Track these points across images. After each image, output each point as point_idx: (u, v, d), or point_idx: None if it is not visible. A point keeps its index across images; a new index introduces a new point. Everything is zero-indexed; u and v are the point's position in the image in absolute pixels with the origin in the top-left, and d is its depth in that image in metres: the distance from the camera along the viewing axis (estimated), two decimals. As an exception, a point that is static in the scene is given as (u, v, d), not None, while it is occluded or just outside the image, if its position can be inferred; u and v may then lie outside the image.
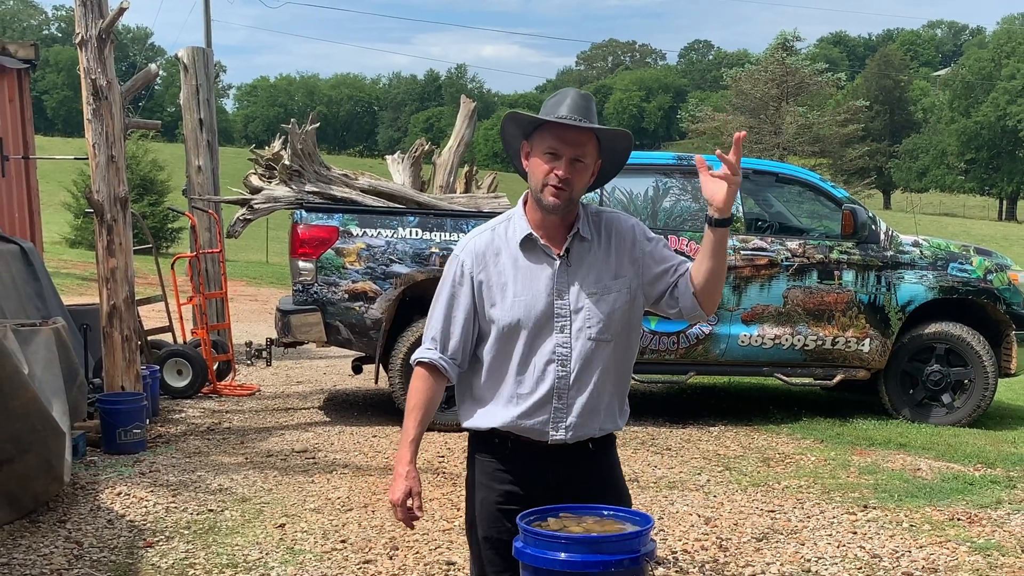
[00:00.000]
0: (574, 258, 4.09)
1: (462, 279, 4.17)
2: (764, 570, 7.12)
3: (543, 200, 4.02)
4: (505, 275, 4.10)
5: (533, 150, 4.07)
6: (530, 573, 3.58)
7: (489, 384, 4.16)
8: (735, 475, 9.80)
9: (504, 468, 4.16)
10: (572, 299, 4.06)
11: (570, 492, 4.06)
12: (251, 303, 26.69)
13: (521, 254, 4.10)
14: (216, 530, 7.70)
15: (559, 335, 4.05)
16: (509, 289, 4.08)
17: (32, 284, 11.83)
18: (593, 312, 4.05)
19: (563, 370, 4.04)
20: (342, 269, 11.31)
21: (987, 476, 9.88)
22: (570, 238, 4.08)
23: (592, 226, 4.14)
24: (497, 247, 4.15)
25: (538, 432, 4.08)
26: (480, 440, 4.24)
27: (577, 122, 3.98)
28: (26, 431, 7.52)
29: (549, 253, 4.08)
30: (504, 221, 4.22)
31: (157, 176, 41.16)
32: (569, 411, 4.06)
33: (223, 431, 11.21)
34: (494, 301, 4.11)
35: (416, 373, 4.22)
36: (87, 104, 10.49)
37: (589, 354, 4.06)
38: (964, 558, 7.42)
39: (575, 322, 4.05)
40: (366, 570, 6.93)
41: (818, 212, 12.53)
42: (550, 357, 4.05)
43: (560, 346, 4.05)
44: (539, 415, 4.06)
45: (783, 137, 74.09)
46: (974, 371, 12.08)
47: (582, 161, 3.99)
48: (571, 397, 4.05)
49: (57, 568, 6.80)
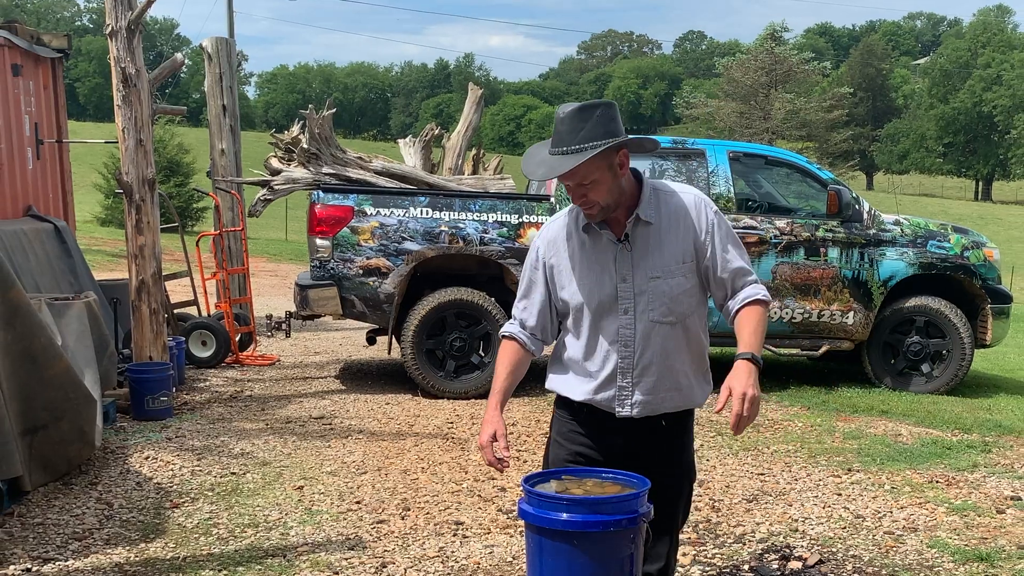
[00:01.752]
0: (636, 241, 4.02)
1: (537, 263, 4.16)
2: (754, 530, 7.10)
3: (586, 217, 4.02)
4: (573, 259, 4.07)
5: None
6: (534, 533, 3.57)
7: (568, 357, 4.16)
8: (727, 440, 9.78)
9: (579, 431, 4.17)
10: (635, 282, 4.00)
11: (636, 463, 4.00)
12: (271, 278, 26.67)
13: (587, 238, 4.06)
14: (238, 492, 7.69)
15: (623, 317, 4.00)
16: (576, 273, 4.06)
17: (65, 260, 11.81)
18: (656, 295, 4.00)
19: (626, 351, 4.01)
20: (357, 246, 11.29)
21: (964, 441, 9.87)
22: (630, 223, 4.01)
23: (657, 207, 4.05)
24: (568, 232, 4.12)
25: (607, 406, 4.07)
26: (561, 401, 4.25)
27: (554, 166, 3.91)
28: (60, 399, 7.50)
29: (610, 236, 4.03)
30: (574, 209, 4.16)
31: (183, 159, 41.13)
32: (634, 390, 4.03)
33: (245, 399, 11.20)
34: (563, 284, 4.10)
35: (502, 344, 4.25)
36: (117, 91, 10.47)
37: (653, 335, 4.02)
38: (942, 518, 7.41)
39: (639, 304, 4.00)
40: (379, 529, 6.92)
41: (805, 193, 12.50)
42: (614, 338, 4.02)
43: (624, 328, 4.01)
44: (606, 391, 4.04)
45: (772, 122, 74.17)
46: (952, 342, 12.09)
47: (586, 183, 3.91)
48: (636, 376, 4.01)
49: (89, 528, 6.80)
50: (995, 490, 8.19)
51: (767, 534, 7.02)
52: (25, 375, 7.21)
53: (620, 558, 3.51)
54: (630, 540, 3.53)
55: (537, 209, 11.53)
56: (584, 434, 4.15)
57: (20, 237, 10.77)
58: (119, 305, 11.69)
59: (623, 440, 4.09)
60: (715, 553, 6.63)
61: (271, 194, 12.47)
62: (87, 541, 6.54)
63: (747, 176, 12.41)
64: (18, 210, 11.86)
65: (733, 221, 11.67)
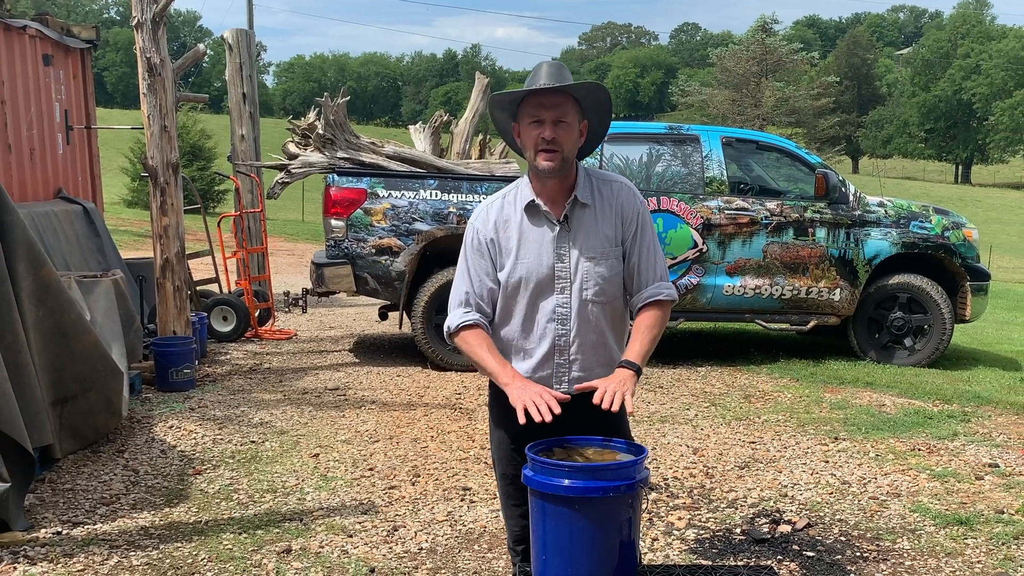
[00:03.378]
0: (574, 223, 3.98)
1: (479, 245, 4.06)
2: (746, 495, 7.09)
3: (539, 165, 3.92)
4: (512, 240, 4.00)
5: (520, 125, 3.97)
6: (538, 498, 3.57)
7: (500, 338, 4.08)
8: (720, 410, 9.77)
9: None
10: (572, 262, 3.95)
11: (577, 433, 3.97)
12: (289, 257, 26.67)
13: (526, 218, 4.01)
14: (257, 459, 7.69)
15: (559, 296, 3.95)
16: (514, 252, 3.99)
17: (94, 240, 11.81)
18: (591, 274, 3.95)
19: (563, 328, 3.96)
20: (370, 227, 11.27)
21: (945, 411, 9.85)
22: (568, 204, 3.98)
23: (594, 191, 4.02)
24: (507, 214, 4.06)
25: (545, 384, 3.99)
26: (496, 387, 4.14)
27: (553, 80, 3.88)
28: (88, 371, 7.50)
29: (550, 218, 3.98)
30: (513, 189, 4.13)
31: (205, 144, 41.13)
32: (570, 367, 3.99)
33: (263, 371, 11.20)
34: (503, 264, 4.02)
35: (464, 337, 4.05)
36: (143, 80, 10.46)
37: (587, 314, 3.98)
38: (924, 484, 7.40)
39: (574, 283, 3.96)
40: (391, 495, 6.91)
41: (794, 176, 12.47)
42: (551, 316, 3.97)
43: (560, 306, 3.96)
44: (544, 370, 3.99)
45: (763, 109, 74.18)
46: (933, 317, 12.07)
47: (564, 121, 3.87)
48: (572, 354, 3.98)
49: (116, 493, 6.80)
50: (974, 457, 8.17)
51: (758, 499, 7.01)
52: (56, 348, 7.21)
53: (619, 521, 3.52)
54: (628, 505, 3.53)
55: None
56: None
57: (51, 218, 10.77)
58: (144, 282, 11.69)
59: (563, 417, 3.85)
60: (709, 517, 6.62)
61: (288, 177, 12.48)
62: (114, 506, 6.54)
63: (739, 160, 12.37)
64: (49, 192, 11.86)
65: (726, 203, 11.70)
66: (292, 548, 5.82)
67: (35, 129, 11.49)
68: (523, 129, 3.96)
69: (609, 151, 11.64)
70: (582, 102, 3.97)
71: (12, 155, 10.96)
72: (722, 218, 11.69)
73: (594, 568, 3.51)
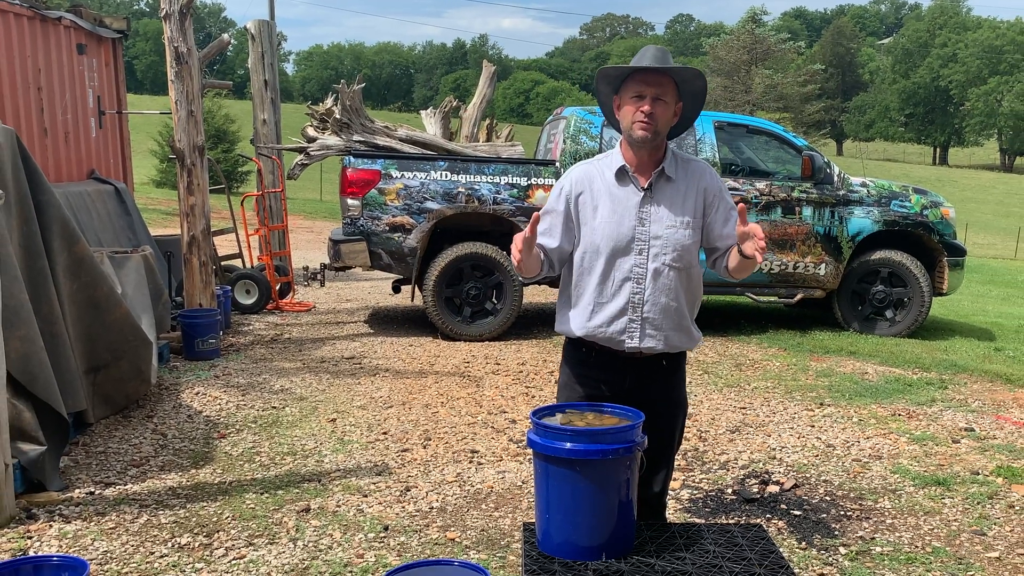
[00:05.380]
0: (657, 192, 3.97)
1: (560, 199, 4.04)
2: (737, 457, 7.08)
3: (634, 135, 3.92)
4: (598, 199, 3.99)
5: (622, 99, 3.98)
6: (541, 460, 3.55)
7: (577, 290, 4.05)
8: (712, 378, 9.76)
9: (587, 374, 4.08)
10: (652, 227, 3.94)
11: (640, 400, 3.95)
12: (308, 234, 26.63)
13: (614, 182, 3.99)
14: (278, 424, 7.68)
15: (637, 256, 3.93)
16: (600, 211, 3.97)
17: (125, 218, 11.79)
18: (669, 241, 3.93)
19: (638, 287, 3.94)
20: (384, 206, 11.24)
21: (923, 378, 9.84)
22: (655, 174, 3.97)
23: (678, 168, 4.02)
24: (592, 176, 4.04)
25: (616, 341, 3.97)
26: (571, 348, 4.16)
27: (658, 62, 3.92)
28: (120, 341, 7.49)
29: (636, 184, 3.97)
30: (603, 157, 4.13)
31: (229, 128, 41.01)
32: (643, 324, 3.97)
33: (284, 341, 11.18)
34: (586, 219, 3.99)
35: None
36: (170, 68, 10.43)
37: (663, 277, 3.96)
38: (904, 447, 7.39)
39: (652, 247, 3.93)
40: (404, 457, 6.90)
41: (782, 158, 12.42)
42: (627, 275, 3.94)
43: (637, 266, 3.94)
44: (618, 322, 3.96)
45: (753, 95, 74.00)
46: (912, 291, 12.06)
47: (663, 100, 3.89)
48: (645, 312, 3.96)
49: (145, 455, 6.79)
50: (951, 422, 8.17)
51: (748, 461, 7.00)
52: (89, 320, 7.21)
53: (618, 482, 3.50)
54: (626, 466, 3.51)
55: (544, 173, 11.47)
56: (593, 377, 4.08)
57: (84, 197, 10.74)
58: (172, 258, 11.69)
59: (630, 379, 4.03)
60: (702, 478, 6.61)
61: (307, 159, 12.50)
62: (144, 467, 6.54)
63: (730, 143, 12.33)
64: (83, 173, 11.84)
65: (718, 183, 11.66)
66: (311, 507, 5.81)
67: (69, 114, 11.47)
68: (624, 102, 3.98)
69: (608, 135, 11.58)
70: (681, 86, 3.99)
71: (48, 138, 10.93)
72: (714, 198, 11.63)
73: (595, 525, 3.50)
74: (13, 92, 10.20)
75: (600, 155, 4.18)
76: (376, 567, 4.97)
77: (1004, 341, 12.68)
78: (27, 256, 6.52)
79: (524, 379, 9.46)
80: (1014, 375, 10.19)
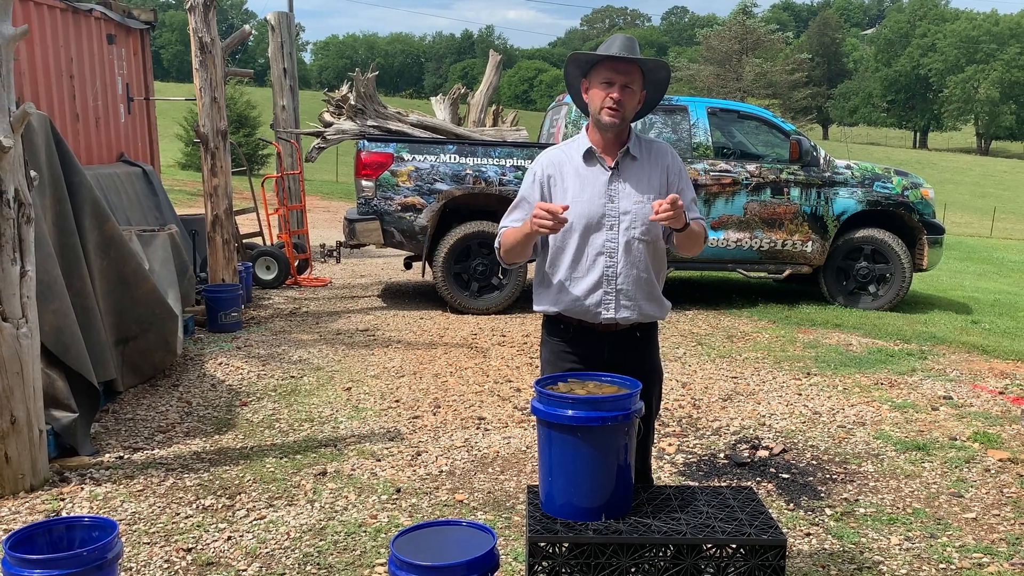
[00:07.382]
0: (624, 170, 3.96)
1: (534, 182, 4.02)
2: (728, 424, 7.07)
3: (602, 120, 3.91)
4: (567, 180, 3.98)
5: (591, 84, 3.97)
6: (544, 427, 3.54)
7: (552, 268, 4.03)
8: (706, 349, 9.74)
9: (568, 349, 4.06)
10: (620, 203, 3.93)
11: (615, 370, 3.93)
12: (324, 213, 26.57)
13: (582, 163, 3.98)
14: (296, 392, 7.67)
15: (608, 232, 3.92)
16: (570, 191, 3.96)
17: (152, 199, 11.77)
18: (637, 216, 3.91)
19: (610, 261, 3.92)
20: (396, 187, 11.22)
21: (904, 350, 9.82)
22: (621, 154, 3.96)
23: (642, 148, 4.02)
24: (561, 160, 4.03)
25: (592, 314, 3.96)
26: (550, 325, 4.14)
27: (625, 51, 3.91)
28: (147, 314, 7.49)
29: (603, 164, 3.96)
30: (570, 142, 4.12)
31: (250, 113, 40.88)
32: (617, 296, 3.96)
33: (302, 314, 11.17)
34: (557, 198, 3.98)
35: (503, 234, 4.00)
36: (195, 57, 10.42)
37: (633, 250, 3.95)
38: (886, 414, 7.37)
39: (623, 222, 3.92)
40: (415, 423, 6.89)
41: (771, 142, 12.36)
42: (600, 250, 3.93)
43: (609, 241, 3.92)
44: (593, 296, 3.95)
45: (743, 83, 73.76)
46: (894, 267, 12.04)
47: (631, 88, 3.90)
48: (619, 284, 3.94)
49: (171, 422, 6.78)
50: (930, 391, 8.15)
51: (739, 428, 6.98)
52: (118, 294, 7.20)
53: (616, 447, 3.49)
54: (624, 432, 3.50)
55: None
56: (572, 352, 4.07)
57: (114, 179, 10.73)
58: (197, 236, 11.69)
59: (607, 351, 4.01)
60: (696, 444, 6.59)
61: (324, 143, 12.48)
62: (170, 433, 6.53)
63: (723, 128, 12.27)
64: (112, 156, 11.82)
65: (711, 165, 11.65)
66: (327, 471, 5.80)
67: (100, 100, 11.44)
68: (593, 86, 3.97)
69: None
70: (647, 75, 4.01)
71: (80, 123, 10.91)
72: (707, 179, 11.62)
73: (595, 488, 3.49)
74: (47, 80, 10.18)
75: (567, 140, 4.17)
76: (389, 527, 4.96)
77: (980, 314, 12.65)
78: (60, 234, 6.50)
79: (528, 350, 9.45)
80: (989, 346, 10.17)
